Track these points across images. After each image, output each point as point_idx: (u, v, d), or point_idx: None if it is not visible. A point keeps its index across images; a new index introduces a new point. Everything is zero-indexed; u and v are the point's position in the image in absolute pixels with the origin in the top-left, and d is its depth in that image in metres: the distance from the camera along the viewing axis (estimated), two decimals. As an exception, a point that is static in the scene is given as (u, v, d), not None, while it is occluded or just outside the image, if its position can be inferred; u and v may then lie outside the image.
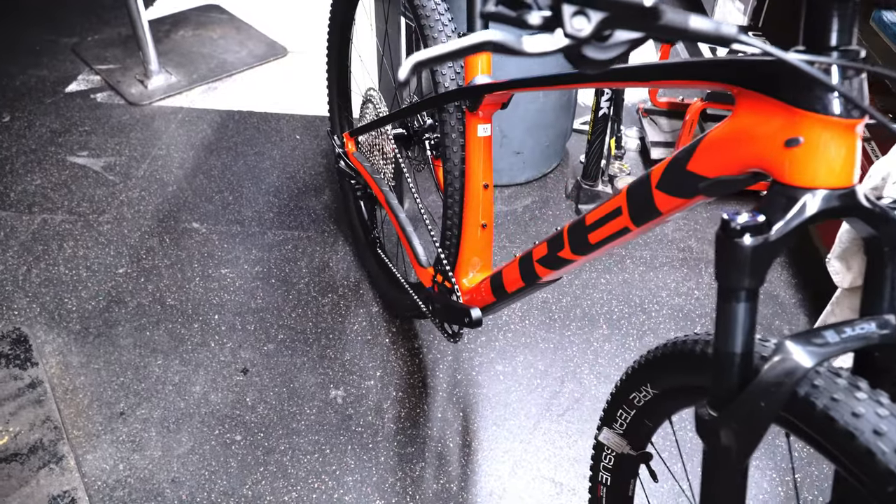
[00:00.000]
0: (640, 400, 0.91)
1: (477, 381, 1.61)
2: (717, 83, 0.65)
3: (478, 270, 1.28)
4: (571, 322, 1.75)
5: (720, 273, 0.61)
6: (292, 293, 1.81)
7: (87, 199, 2.10)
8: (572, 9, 0.41)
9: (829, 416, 0.58)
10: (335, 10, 1.67)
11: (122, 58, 2.74)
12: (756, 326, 0.62)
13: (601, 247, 0.87)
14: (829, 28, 0.55)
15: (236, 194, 2.13)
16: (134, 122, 2.43)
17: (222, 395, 1.57)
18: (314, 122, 2.44)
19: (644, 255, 1.93)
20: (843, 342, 0.59)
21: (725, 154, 0.65)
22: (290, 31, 2.95)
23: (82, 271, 1.87)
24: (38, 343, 1.68)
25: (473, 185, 1.19)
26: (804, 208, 0.58)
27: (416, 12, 1.23)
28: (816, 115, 0.56)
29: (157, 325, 1.73)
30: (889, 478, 0.54)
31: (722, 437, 0.63)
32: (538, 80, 0.98)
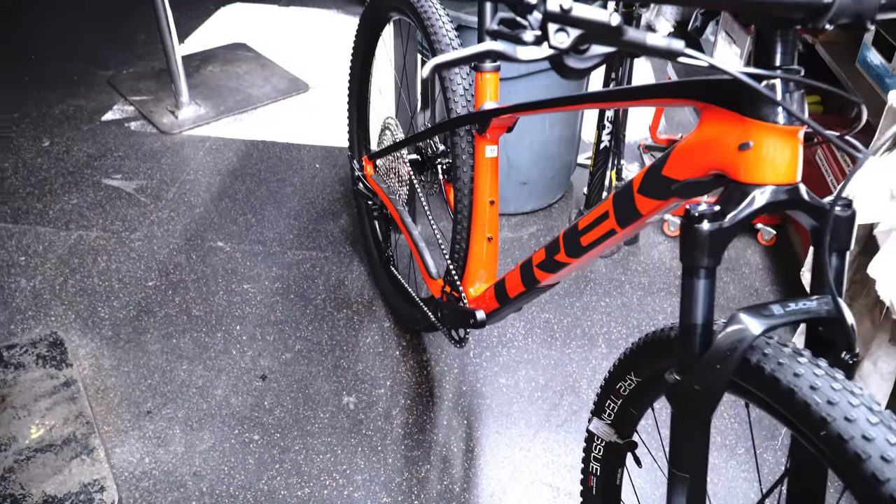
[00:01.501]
0: (625, 389, 1.01)
1: (481, 393, 1.71)
2: (686, 100, 0.77)
3: (483, 281, 1.39)
4: (572, 341, 1.85)
5: (684, 254, 0.72)
6: (309, 308, 1.93)
7: (120, 218, 2.24)
8: (555, 27, 0.53)
9: (775, 377, 0.69)
10: (357, 45, 1.82)
11: (154, 90, 2.91)
12: (715, 301, 0.73)
13: (592, 248, 0.99)
14: (773, 51, 0.67)
15: (259, 217, 2.26)
16: (165, 149, 2.59)
17: (242, 399, 1.68)
18: (333, 152, 2.59)
19: (643, 281, 2.03)
20: (787, 315, 0.70)
21: (692, 159, 0.77)
22: (312, 68, 3.13)
23: (115, 283, 1.99)
24: (73, 346, 1.79)
25: (481, 201, 1.32)
26: (753, 201, 0.70)
27: (433, 47, 1.37)
28: (763, 123, 0.68)
29: (182, 334, 1.84)
30: (821, 424, 0.64)
31: (685, 398, 0.73)
32: (537, 104, 1.11)
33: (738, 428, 1.61)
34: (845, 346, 0.73)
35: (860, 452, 0.60)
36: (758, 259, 2.13)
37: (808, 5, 0.59)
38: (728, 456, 1.55)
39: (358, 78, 1.88)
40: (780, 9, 0.59)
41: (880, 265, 0.95)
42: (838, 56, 1.86)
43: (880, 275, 0.95)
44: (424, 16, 1.40)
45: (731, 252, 2.15)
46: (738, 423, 1.62)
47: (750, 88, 0.66)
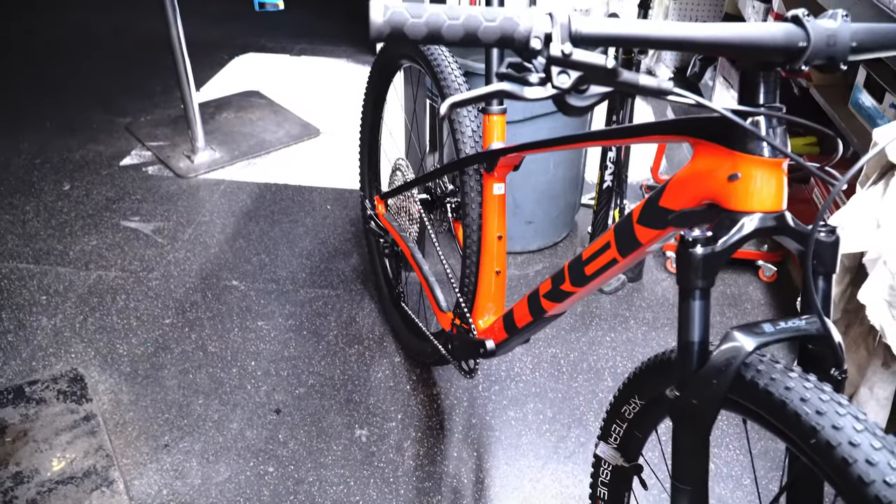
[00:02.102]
0: (629, 412, 1.06)
1: (490, 425, 1.75)
2: (680, 137, 0.84)
3: (492, 314, 1.45)
4: (578, 375, 1.89)
5: (680, 277, 0.77)
6: (322, 344, 1.98)
7: (137, 259, 2.31)
8: (558, 69, 0.60)
9: (768, 391, 0.74)
10: (369, 91, 1.91)
11: (171, 136, 3.01)
12: (710, 320, 0.78)
13: (595, 278, 1.04)
14: (757, 90, 0.74)
15: (272, 256, 2.33)
16: (181, 192, 2.67)
17: (257, 432, 1.72)
18: (343, 194, 2.67)
19: (647, 317, 2.08)
20: (778, 332, 0.75)
21: (687, 191, 0.83)
22: (323, 114, 3.24)
23: (133, 321, 2.05)
24: (93, 382, 1.84)
25: (489, 236, 1.38)
26: (743, 227, 0.76)
27: (443, 92, 1.45)
28: (749, 156, 0.75)
29: (199, 369, 1.89)
30: (811, 432, 0.69)
31: (684, 412, 0.78)
32: (542, 143, 1.18)
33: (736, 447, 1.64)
34: (833, 362, 0.78)
35: (847, 457, 0.65)
36: (759, 295, 2.18)
37: (786, 49, 0.66)
38: (726, 475, 1.58)
39: (369, 122, 1.96)
40: (761, 53, 0.66)
41: (869, 291, 1.00)
42: (831, 98, 1.94)
43: (870, 300, 1.00)
44: (434, 63, 1.49)
45: (733, 288, 2.20)
46: (737, 448, 1.65)
47: (737, 124, 0.73)
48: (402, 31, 0.60)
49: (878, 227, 0.98)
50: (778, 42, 0.65)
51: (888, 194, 0.99)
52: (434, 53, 1.50)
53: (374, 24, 0.59)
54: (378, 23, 0.59)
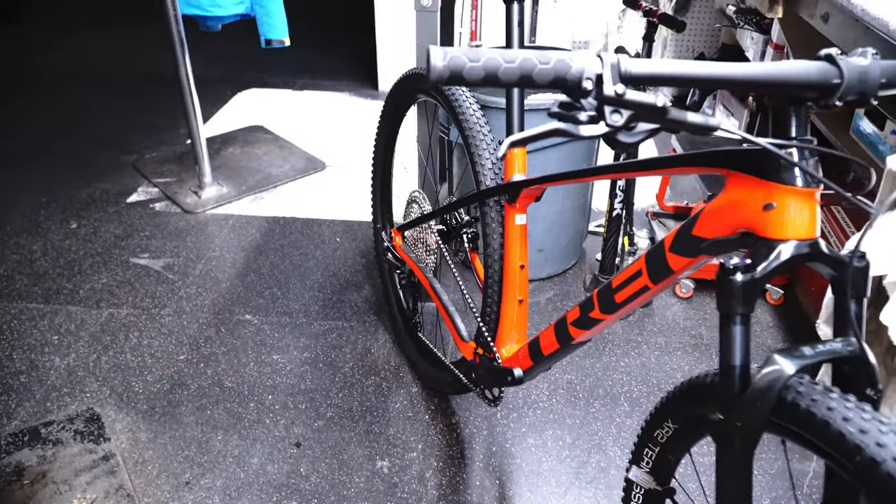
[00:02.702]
0: (662, 436, 1.07)
1: (511, 453, 1.76)
2: (711, 168, 0.87)
3: (515, 342, 1.47)
4: (595, 400, 1.91)
5: (721, 303, 0.80)
6: (338, 376, 1.99)
7: (149, 295, 2.32)
8: (611, 108, 0.63)
9: (811, 411, 0.76)
10: (382, 125, 1.94)
11: (177, 172, 3.04)
12: (750, 344, 0.80)
13: (626, 305, 1.07)
14: (789, 124, 0.77)
15: (284, 290, 2.34)
16: (189, 227, 2.69)
17: (278, 466, 1.72)
18: (352, 226, 2.70)
19: (659, 342, 2.11)
20: (816, 355, 0.78)
21: (720, 220, 0.86)
22: (327, 147, 3.28)
23: (147, 358, 2.06)
24: (110, 421, 1.84)
25: (511, 266, 1.41)
26: (780, 254, 0.78)
27: (461, 126, 1.49)
28: (785, 186, 0.78)
29: (216, 405, 1.89)
30: (856, 450, 0.71)
31: (728, 435, 0.80)
32: (565, 175, 1.22)
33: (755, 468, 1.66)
34: (868, 382, 0.80)
35: (892, 473, 0.67)
36: (768, 318, 2.21)
37: (820, 86, 0.69)
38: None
39: (382, 155, 2.00)
40: (798, 90, 0.70)
41: (892, 313, 1.03)
42: (833, 126, 1.99)
43: (892, 321, 1.03)
44: (452, 98, 1.53)
45: (741, 311, 2.23)
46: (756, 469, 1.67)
47: (771, 156, 0.76)
48: (461, 75, 0.63)
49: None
50: (813, 79, 0.69)
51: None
52: (451, 88, 1.54)
53: (434, 69, 0.62)
54: (438, 67, 0.62)
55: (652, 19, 2.07)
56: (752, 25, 2.57)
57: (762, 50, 2.57)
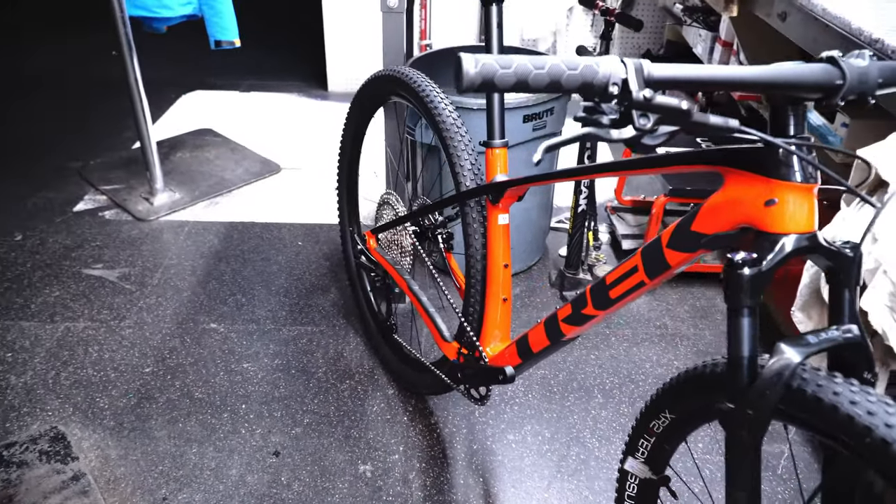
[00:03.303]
0: (659, 427, 1.10)
1: (492, 450, 1.77)
2: (709, 166, 0.90)
3: (499, 340, 1.48)
4: (570, 394, 1.94)
5: (728, 297, 0.83)
6: (312, 381, 1.97)
7: (106, 307, 2.24)
8: (639, 112, 0.65)
9: (818, 397, 0.79)
10: (348, 127, 1.93)
11: (125, 178, 2.95)
12: (758, 336, 0.84)
13: (620, 301, 1.09)
14: (787, 123, 0.80)
15: (248, 296, 2.30)
16: (143, 235, 2.61)
17: (258, 476, 1.69)
18: (313, 229, 2.67)
19: (626, 333, 2.16)
20: (820, 343, 0.81)
21: (720, 216, 0.89)
22: (281, 150, 3.23)
23: (110, 372, 1.99)
24: (76, 439, 1.78)
25: (495, 265, 1.42)
26: (783, 248, 0.82)
27: (438, 127, 1.49)
28: (786, 183, 0.81)
29: (188, 417, 1.85)
30: (866, 432, 0.74)
31: (739, 423, 0.83)
32: (551, 175, 1.23)
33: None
34: (866, 366, 0.84)
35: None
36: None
37: (824, 87, 0.73)
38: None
39: (348, 157, 1.98)
40: (805, 90, 0.73)
41: (871, 299, 1.09)
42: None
43: (871, 307, 1.09)
44: (427, 99, 1.53)
45: (702, 301, 2.31)
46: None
47: (772, 153, 0.79)
48: (493, 82, 0.63)
49: (874, 242, 1.07)
50: (819, 80, 0.72)
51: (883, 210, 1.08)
52: (426, 90, 1.54)
53: (466, 76, 0.63)
54: (471, 74, 0.63)
55: (609, 18, 2.11)
56: (700, 23, 2.65)
57: (710, 46, 2.65)
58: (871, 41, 1.25)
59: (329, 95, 3.92)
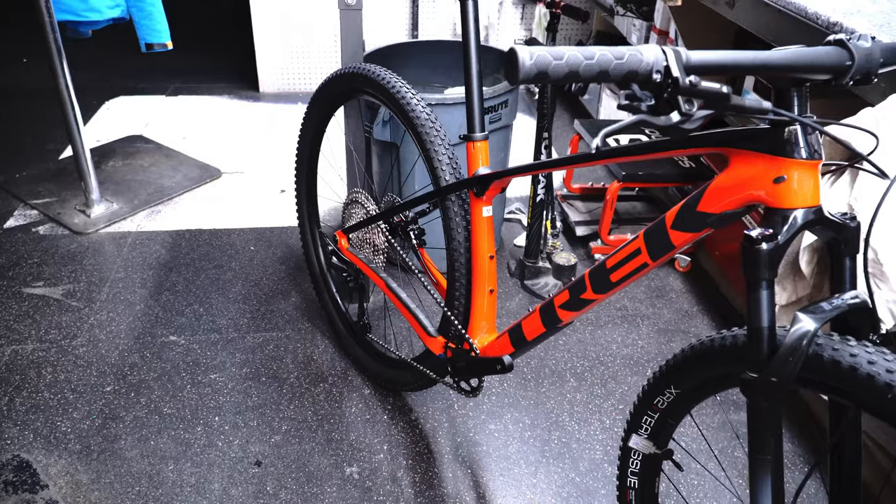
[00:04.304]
0: (663, 402, 1.14)
1: (476, 441, 1.79)
2: (714, 149, 0.94)
3: (486, 332, 1.50)
4: (543, 380, 1.98)
5: (748, 271, 0.87)
6: (285, 387, 1.93)
7: (55, 327, 2.13)
8: (683, 98, 0.67)
9: (836, 360, 0.84)
10: (307, 127, 1.90)
11: (56, 191, 2.80)
12: (775, 308, 0.88)
13: (621, 283, 1.12)
14: (792, 103, 0.85)
15: (206, 306, 2.23)
16: (84, 249, 2.49)
17: (242, 488, 1.65)
18: (265, 233, 2.61)
19: (589, 317, 2.21)
20: (832, 310, 0.87)
21: (727, 196, 0.93)
22: (219, 154, 3.14)
23: (68, 394, 1.90)
24: (42, 466, 1.69)
25: (481, 257, 1.43)
26: (795, 222, 0.86)
27: (413, 123, 1.49)
28: (793, 160, 0.85)
29: (159, 434, 1.78)
30: (887, 389, 0.80)
31: (762, 391, 0.87)
32: (538, 165, 1.26)
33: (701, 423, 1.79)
34: (870, 329, 0.90)
35: (928, 404, 0.77)
36: (680, 284, 2.38)
37: (835, 68, 0.77)
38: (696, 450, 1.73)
39: (308, 157, 1.95)
40: (817, 71, 0.77)
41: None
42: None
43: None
44: (398, 95, 1.52)
45: (656, 281, 2.39)
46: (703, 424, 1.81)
47: (779, 133, 0.84)
48: (547, 73, 0.65)
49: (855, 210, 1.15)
50: (832, 62, 0.77)
51: (857, 184, 1.15)
52: (396, 86, 1.54)
53: (523, 67, 0.64)
54: (527, 65, 0.64)
55: (556, 10, 2.15)
56: (634, 12, 2.74)
57: (646, 35, 2.74)
58: (828, 24, 1.33)
59: (261, 97, 3.84)
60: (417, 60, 2.40)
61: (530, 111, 3.64)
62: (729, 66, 0.72)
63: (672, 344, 2.11)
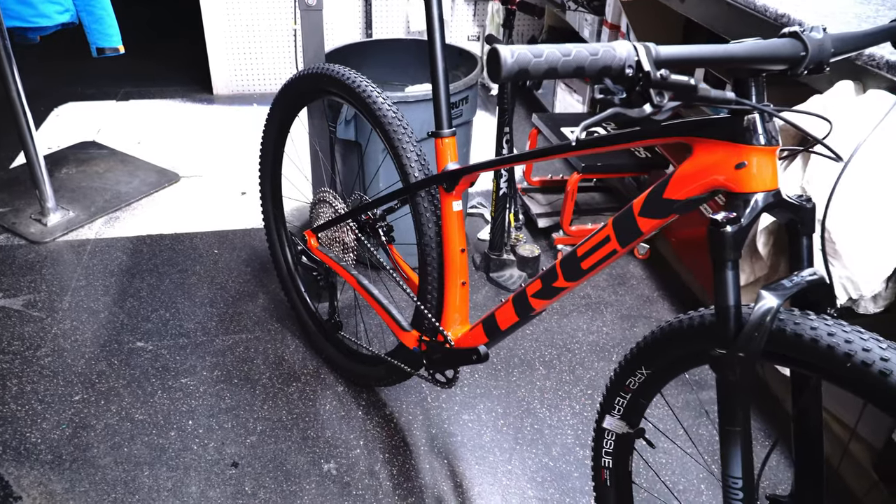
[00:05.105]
0: (635, 383, 1.19)
1: (450, 432, 1.82)
2: (678, 138, 0.99)
3: (459, 324, 1.53)
4: (513, 369, 2.02)
5: (714, 253, 0.92)
6: (258, 388, 1.94)
7: (17, 338, 2.09)
8: (655, 91, 0.71)
9: (797, 333, 0.90)
10: (269, 128, 1.90)
11: (9, 200, 2.74)
12: (740, 287, 0.93)
13: (591, 271, 1.17)
14: (750, 93, 0.90)
15: (172, 310, 2.22)
16: (42, 259, 2.45)
17: (220, 490, 1.65)
18: (227, 236, 2.60)
19: (555, 306, 2.27)
20: (792, 286, 0.92)
21: (692, 182, 0.98)
22: (176, 158, 3.10)
23: (35, 405, 1.87)
24: (13, 478, 1.67)
25: (452, 250, 1.46)
26: (756, 205, 0.91)
27: (380, 121, 1.51)
28: (752, 147, 0.90)
29: (132, 441, 1.77)
30: (846, 358, 0.85)
31: (731, 366, 0.92)
32: (505, 160, 1.30)
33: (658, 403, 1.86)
34: (829, 303, 0.96)
35: (883, 370, 0.82)
36: (640, 271, 2.45)
37: (790, 58, 0.82)
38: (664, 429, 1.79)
39: (271, 158, 1.95)
40: (774, 62, 0.82)
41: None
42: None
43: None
44: (364, 95, 1.54)
45: (617, 269, 2.46)
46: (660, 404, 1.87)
47: (739, 122, 0.89)
48: (527, 70, 0.68)
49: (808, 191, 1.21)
50: (788, 53, 0.82)
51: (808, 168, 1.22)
52: (361, 85, 1.56)
53: (505, 65, 0.67)
54: (509, 63, 0.67)
55: (511, 7, 2.19)
56: (586, 8, 2.80)
57: (598, 30, 2.80)
58: (776, 16, 1.40)
59: (215, 99, 3.80)
60: (375, 59, 2.42)
61: (486, 107, 3.69)
62: (695, 60, 0.76)
63: (635, 329, 2.18)
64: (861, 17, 1.41)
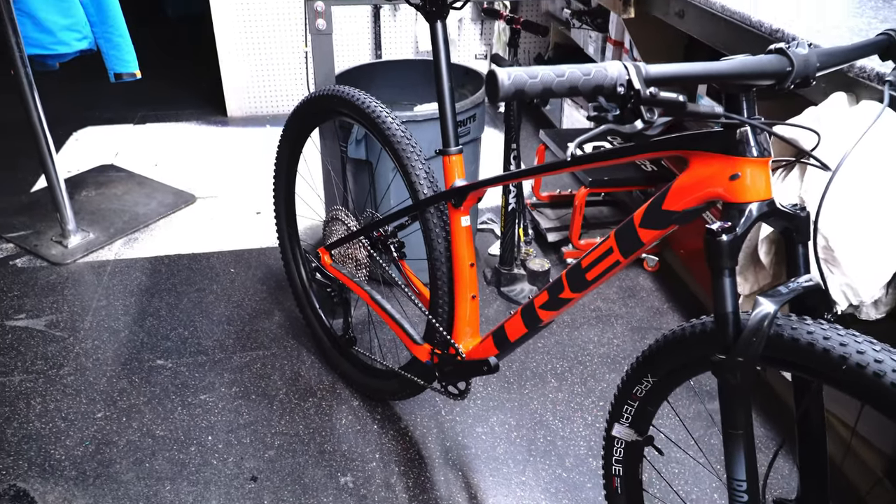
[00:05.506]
0: (641, 391, 1.22)
1: (464, 444, 1.85)
2: (675, 151, 1.02)
3: (470, 336, 1.56)
4: (525, 382, 2.05)
5: (711, 261, 0.95)
6: (275, 404, 1.98)
7: (40, 357, 2.15)
8: (645, 108, 0.75)
9: (794, 338, 0.93)
10: (283, 149, 1.95)
11: (30, 223, 2.81)
12: (737, 293, 0.96)
13: (596, 281, 1.20)
14: (741, 107, 0.94)
15: (191, 329, 2.27)
16: (63, 280, 2.51)
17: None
18: (243, 255, 2.65)
19: (566, 319, 2.30)
20: (789, 293, 0.95)
21: (689, 194, 1.01)
22: (192, 179, 3.17)
23: (59, 423, 1.92)
24: (39, 494, 1.71)
25: (462, 265, 1.50)
26: (751, 214, 0.95)
27: (389, 140, 1.56)
28: (745, 159, 0.94)
29: (154, 456, 1.82)
30: (842, 361, 0.88)
31: (731, 370, 0.95)
32: (512, 175, 1.34)
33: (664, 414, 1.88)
34: (825, 308, 0.99)
35: (878, 371, 0.85)
36: (650, 283, 2.48)
37: (777, 74, 0.86)
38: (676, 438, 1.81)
39: (285, 178, 2.01)
40: (761, 78, 0.86)
41: (804, 254, 1.26)
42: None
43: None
44: (374, 115, 1.59)
45: (626, 282, 2.48)
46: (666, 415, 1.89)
47: (732, 135, 0.92)
48: (524, 90, 0.72)
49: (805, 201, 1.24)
50: (774, 68, 0.85)
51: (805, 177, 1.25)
52: (371, 106, 1.61)
53: (502, 86, 0.71)
54: (506, 84, 0.71)
55: (516, 27, 2.25)
56: (590, 25, 2.85)
57: (602, 46, 2.85)
58: (771, 31, 1.43)
59: (229, 121, 3.88)
60: (384, 80, 2.48)
61: (494, 124, 3.74)
62: (683, 77, 0.80)
63: (646, 340, 2.20)
64: (854, 30, 1.45)
